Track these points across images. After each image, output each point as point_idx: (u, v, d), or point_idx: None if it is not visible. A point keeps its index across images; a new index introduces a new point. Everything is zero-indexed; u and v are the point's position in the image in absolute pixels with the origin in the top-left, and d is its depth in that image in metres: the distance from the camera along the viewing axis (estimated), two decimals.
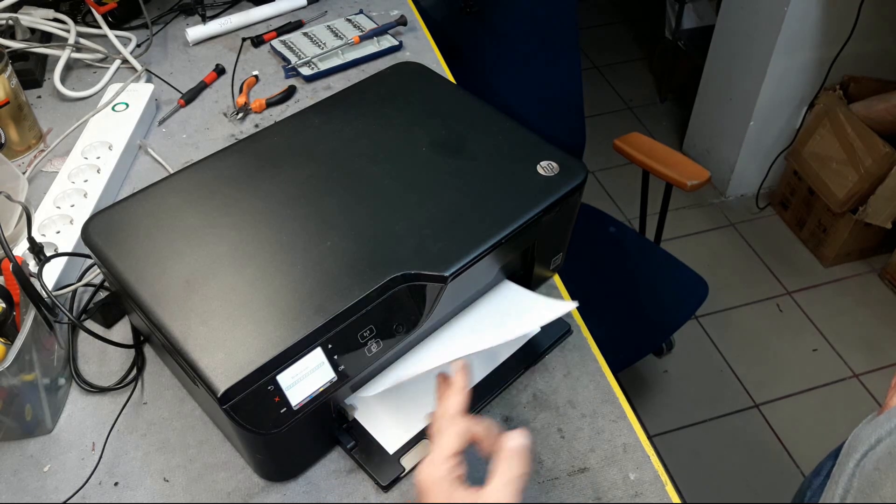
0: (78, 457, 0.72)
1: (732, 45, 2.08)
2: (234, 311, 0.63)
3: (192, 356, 0.60)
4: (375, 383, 0.72)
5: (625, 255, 1.50)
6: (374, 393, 0.71)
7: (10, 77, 0.99)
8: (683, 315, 1.38)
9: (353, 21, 1.26)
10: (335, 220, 0.70)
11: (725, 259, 2.15)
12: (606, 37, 2.99)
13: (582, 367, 0.79)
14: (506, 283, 0.81)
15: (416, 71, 0.91)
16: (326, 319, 0.62)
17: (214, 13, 1.30)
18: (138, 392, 0.77)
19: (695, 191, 1.37)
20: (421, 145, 0.79)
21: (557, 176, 0.75)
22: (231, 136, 1.07)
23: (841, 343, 1.92)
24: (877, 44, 1.99)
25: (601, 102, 2.67)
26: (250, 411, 0.59)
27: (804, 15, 1.86)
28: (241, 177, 0.76)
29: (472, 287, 0.78)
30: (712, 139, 2.29)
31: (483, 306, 0.79)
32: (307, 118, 0.84)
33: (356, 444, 0.70)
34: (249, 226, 0.71)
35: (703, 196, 2.31)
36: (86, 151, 0.98)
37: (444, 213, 0.71)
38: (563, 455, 0.71)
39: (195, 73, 1.19)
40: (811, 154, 2.06)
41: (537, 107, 1.43)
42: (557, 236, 0.82)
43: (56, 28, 1.19)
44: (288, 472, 0.70)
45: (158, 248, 0.69)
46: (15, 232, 0.84)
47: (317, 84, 1.17)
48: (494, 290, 0.80)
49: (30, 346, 0.69)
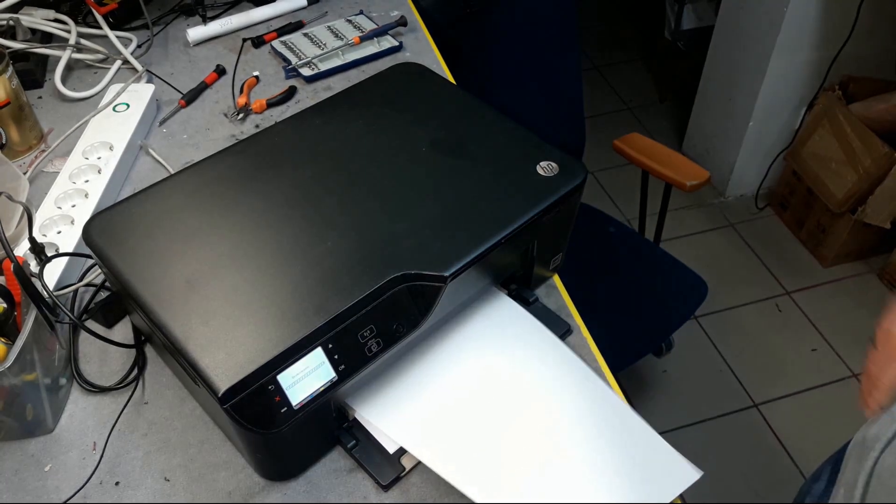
0: (79, 456, 0.72)
1: (732, 46, 2.08)
2: (235, 311, 0.63)
3: (192, 356, 0.60)
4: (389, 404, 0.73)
5: (625, 255, 1.50)
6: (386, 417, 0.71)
7: (11, 77, 0.99)
8: (683, 315, 1.38)
9: (353, 22, 1.27)
10: (335, 221, 0.71)
11: (725, 259, 2.15)
12: (606, 37, 2.99)
13: None
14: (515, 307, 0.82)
15: (416, 71, 0.91)
16: (327, 319, 0.62)
17: (215, 14, 1.30)
18: (139, 392, 0.77)
19: (694, 191, 1.37)
20: (421, 145, 0.79)
21: (557, 176, 0.75)
22: (231, 137, 1.07)
23: (840, 343, 1.92)
24: (876, 44, 1.99)
25: (601, 102, 2.67)
26: (251, 411, 0.59)
27: (804, 15, 1.86)
28: (241, 177, 0.76)
29: (472, 287, 0.78)
30: (712, 139, 2.29)
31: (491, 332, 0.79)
32: (307, 119, 0.84)
33: (356, 443, 0.71)
34: (250, 226, 0.71)
35: (703, 196, 2.32)
36: (87, 152, 0.98)
37: (444, 213, 0.71)
38: None
39: (196, 73, 1.19)
40: (810, 154, 2.06)
41: (537, 107, 1.43)
42: (557, 236, 0.82)
43: (57, 29, 1.19)
44: (288, 471, 0.70)
45: (159, 248, 0.69)
46: (16, 232, 0.84)
47: (317, 84, 1.17)
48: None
49: (31, 345, 0.69)
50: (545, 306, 0.84)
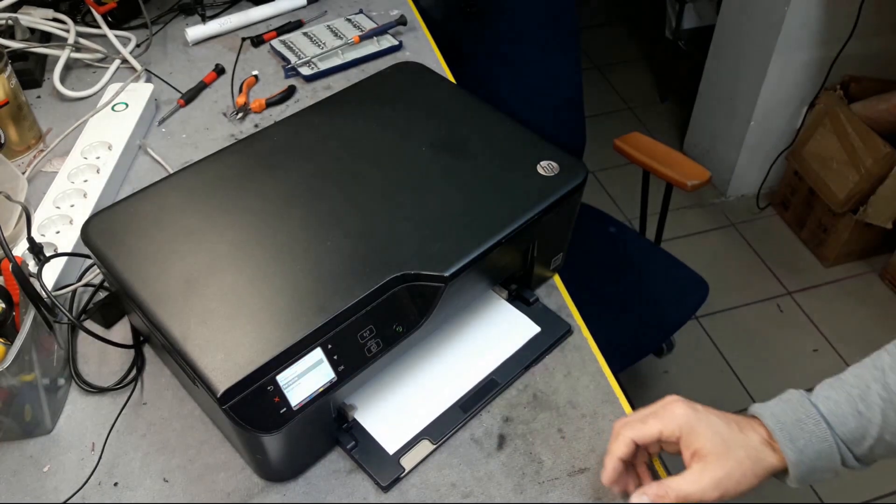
0: (77, 457, 0.72)
1: (732, 45, 2.08)
2: (234, 311, 0.63)
3: (191, 356, 0.60)
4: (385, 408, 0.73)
5: (625, 255, 1.50)
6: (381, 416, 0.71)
7: (10, 77, 0.99)
8: (683, 315, 1.38)
9: (352, 21, 1.26)
10: (335, 220, 0.70)
11: (726, 259, 2.15)
12: (606, 37, 2.99)
13: (582, 367, 0.79)
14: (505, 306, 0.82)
15: (415, 71, 0.91)
16: (326, 319, 0.62)
17: (214, 13, 1.30)
18: (138, 392, 0.77)
19: (695, 191, 1.37)
20: (421, 145, 0.79)
21: (557, 176, 0.75)
22: (231, 136, 1.07)
23: (841, 343, 1.92)
24: (877, 44, 1.99)
25: (601, 102, 2.67)
26: (250, 411, 0.59)
27: (804, 15, 1.86)
28: (240, 177, 0.76)
29: (473, 288, 0.78)
30: (713, 139, 2.29)
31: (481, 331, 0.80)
32: (307, 118, 0.84)
33: (356, 444, 0.70)
34: (249, 226, 0.70)
35: (704, 196, 2.31)
36: (85, 151, 0.98)
37: (444, 213, 0.71)
38: (563, 455, 0.71)
39: (195, 72, 1.19)
40: (812, 154, 2.06)
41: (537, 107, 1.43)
42: (557, 236, 0.81)
43: (56, 28, 1.18)
44: (288, 472, 0.69)
45: (158, 248, 0.69)
46: (14, 232, 0.84)
47: (317, 84, 1.16)
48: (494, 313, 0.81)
49: (29, 346, 0.68)
50: (545, 306, 0.84)
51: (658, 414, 0.60)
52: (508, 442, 0.72)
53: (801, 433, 0.58)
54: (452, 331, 0.79)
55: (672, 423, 0.59)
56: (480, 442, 0.72)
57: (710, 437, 0.58)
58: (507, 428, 0.73)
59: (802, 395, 0.61)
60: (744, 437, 0.59)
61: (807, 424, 0.58)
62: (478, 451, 0.71)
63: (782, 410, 0.60)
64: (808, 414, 0.59)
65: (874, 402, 0.58)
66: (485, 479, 0.69)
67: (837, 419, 0.59)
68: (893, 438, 0.58)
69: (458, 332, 0.80)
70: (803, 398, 0.61)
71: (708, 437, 0.58)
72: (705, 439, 0.58)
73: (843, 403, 0.59)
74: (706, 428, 0.58)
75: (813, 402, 0.60)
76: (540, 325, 0.80)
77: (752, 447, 0.58)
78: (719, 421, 0.59)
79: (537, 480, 0.69)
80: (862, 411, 0.58)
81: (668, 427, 0.59)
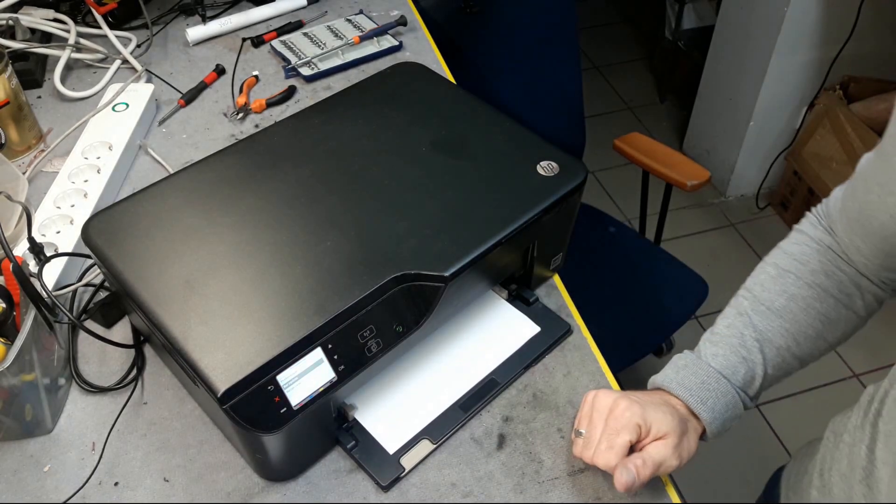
0: (78, 457, 0.72)
1: (732, 45, 2.08)
2: (234, 311, 0.63)
3: (192, 356, 0.60)
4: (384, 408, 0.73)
5: (625, 255, 1.50)
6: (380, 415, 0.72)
7: (11, 77, 0.99)
8: (683, 315, 1.38)
9: (353, 21, 1.26)
10: (335, 220, 0.70)
11: (725, 259, 2.15)
12: (606, 37, 2.99)
13: (582, 367, 0.79)
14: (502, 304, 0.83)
15: (416, 71, 0.91)
16: (326, 319, 0.62)
17: (214, 13, 1.30)
18: (138, 392, 0.77)
19: (695, 191, 1.37)
20: (421, 145, 0.79)
21: (557, 176, 0.75)
22: (231, 137, 1.07)
23: None
24: (877, 44, 1.99)
25: (601, 102, 2.67)
26: (250, 411, 0.59)
27: (804, 15, 1.86)
28: (241, 177, 0.76)
29: (473, 288, 0.78)
30: (712, 139, 2.29)
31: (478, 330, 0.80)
32: (307, 118, 0.84)
33: (356, 443, 0.70)
34: (249, 226, 0.71)
35: (703, 196, 2.31)
36: (86, 151, 0.98)
37: (444, 213, 0.71)
38: (563, 455, 0.71)
39: (195, 73, 1.19)
40: (811, 154, 2.06)
41: (537, 107, 1.43)
42: (557, 236, 0.82)
43: (56, 28, 1.19)
44: (288, 471, 0.70)
45: (158, 248, 0.69)
46: (15, 232, 0.84)
47: (317, 84, 1.17)
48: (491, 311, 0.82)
49: (30, 346, 0.69)
50: (545, 306, 0.84)
51: (611, 427, 0.63)
52: (508, 442, 0.72)
53: (708, 394, 0.64)
54: (452, 331, 0.80)
55: (633, 429, 0.62)
56: (480, 442, 0.72)
57: (665, 420, 0.63)
58: (507, 428, 0.73)
59: (695, 357, 0.67)
60: (677, 411, 0.64)
61: (709, 384, 0.65)
62: (478, 451, 0.71)
63: (685, 377, 0.66)
64: (708, 374, 0.65)
65: (751, 345, 0.66)
66: (485, 478, 0.69)
67: (730, 370, 0.65)
68: (774, 370, 0.66)
69: (457, 332, 0.80)
70: (699, 361, 0.66)
71: (665, 422, 0.63)
72: (662, 423, 0.62)
73: (729, 355, 0.66)
74: (654, 412, 0.63)
75: (707, 362, 0.66)
76: (540, 325, 0.80)
77: (684, 419, 0.64)
78: (652, 401, 0.64)
79: (537, 480, 0.69)
80: (746, 357, 0.65)
81: (634, 433, 0.62)
